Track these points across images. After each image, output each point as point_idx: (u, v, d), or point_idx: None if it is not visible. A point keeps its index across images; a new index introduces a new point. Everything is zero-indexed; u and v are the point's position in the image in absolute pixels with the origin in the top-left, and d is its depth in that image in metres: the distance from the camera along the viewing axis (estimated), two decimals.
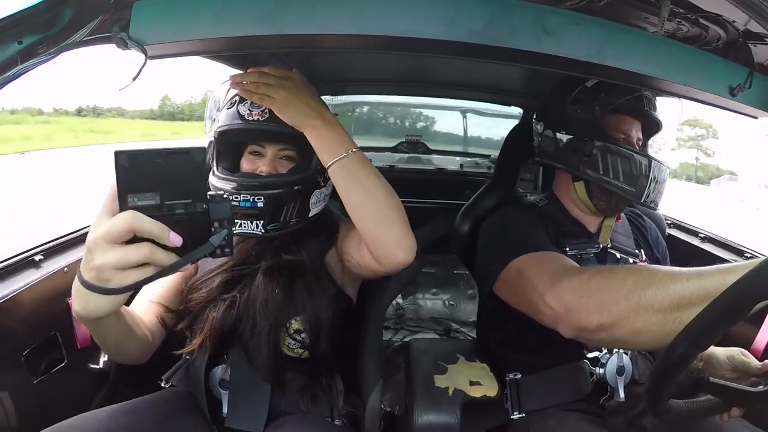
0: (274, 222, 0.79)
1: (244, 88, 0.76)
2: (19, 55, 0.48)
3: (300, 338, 0.82)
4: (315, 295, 0.83)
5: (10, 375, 0.81)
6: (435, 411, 0.79)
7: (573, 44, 0.60)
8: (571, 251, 0.89)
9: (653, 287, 0.56)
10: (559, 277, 0.68)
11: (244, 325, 0.79)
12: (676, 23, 0.66)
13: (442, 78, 1.70)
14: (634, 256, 0.95)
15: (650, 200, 0.87)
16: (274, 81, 0.75)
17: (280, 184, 0.79)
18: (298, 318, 0.82)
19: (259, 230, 0.79)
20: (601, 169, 0.88)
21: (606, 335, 0.62)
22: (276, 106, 0.74)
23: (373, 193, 0.74)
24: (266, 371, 0.79)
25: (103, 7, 0.52)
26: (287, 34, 0.56)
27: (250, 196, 0.77)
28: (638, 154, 0.87)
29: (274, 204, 0.78)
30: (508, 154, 1.32)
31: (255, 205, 0.77)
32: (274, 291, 0.81)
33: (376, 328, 0.95)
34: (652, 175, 0.86)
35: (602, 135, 0.89)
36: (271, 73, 0.76)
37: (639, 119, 0.91)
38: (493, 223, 0.97)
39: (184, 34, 0.56)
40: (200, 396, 0.81)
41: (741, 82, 0.69)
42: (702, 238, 1.32)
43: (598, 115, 0.89)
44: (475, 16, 0.57)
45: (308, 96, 0.76)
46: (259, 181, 0.79)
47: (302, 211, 0.82)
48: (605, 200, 0.91)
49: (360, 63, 1.43)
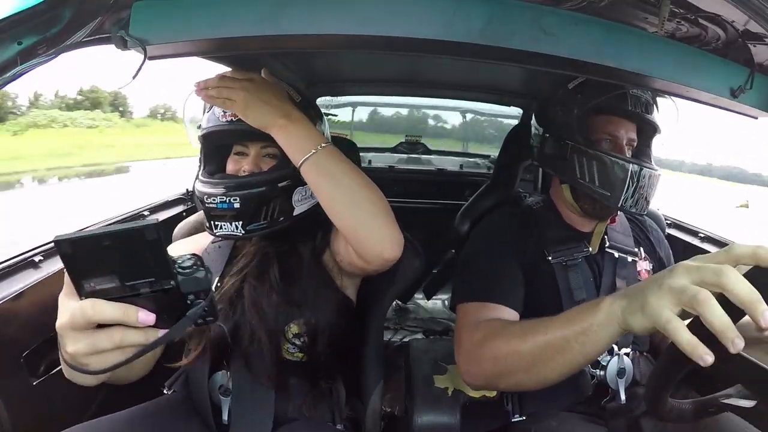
0: (254, 222, 0.78)
1: (206, 94, 0.75)
2: (18, 55, 0.48)
3: (299, 342, 0.81)
4: (313, 296, 0.82)
5: (9, 376, 0.81)
6: (435, 411, 0.79)
7: (572, 44, 0.60)
8: (555, 259, 0.89)
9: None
10: (477, 345, 0.73)
11: (243, 332, 0.79)
12: (675, 23, 0.66)
13: (441, 78, 1.70)
14: (633, 255, 0.94)
15: (629, 206, 0.84)
16: (235, 84, 0.73)
17: (255, 183, 0.78)
18: (297, 322, 0.81)
19: (239, 231, 0.78)
20: (578, 172, 0.86)
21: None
22: (238, 109, 0.73)
23: (348, 186, 0.72)
24: (268, 377, 0.79)
25: (102, 7, 0.52)
26: (287, 34, 0.56)
27: (226, 197, 0.76)
28: (614, 158, 0.84)
29: (251, 204, 0.77)
30: (508, 154, 1.32)
31: (231, 206, 0.76)
32: (271, 296, 0.80)
33: (377, 328, 0.95)
34: (629, 180, 0.83)
35: (579, 137, 0.87)
36: (231, 77, 0.75)
37: (630, 120, 0.89)
38: (476, 239, 0.96)
39: (184, 34, 0.56)
40: (204, 403, 0.80)
41: (742, 83, 0.69)
42: (702, 237, 1.32)
43: (576, 117, 0.87)
44: (474, 16, 0.57)
45: (271, 96, 0.74)
46: (234, 181, 0.78)
47: (285, 209, 0.80)
48: (590, 204, 0.89)
49: (360, 63, 1.43)
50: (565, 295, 0.87)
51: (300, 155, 0.72)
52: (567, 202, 0.94)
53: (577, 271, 0.89)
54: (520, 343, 0.65)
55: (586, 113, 0.88)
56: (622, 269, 0.91)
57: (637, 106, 0.86)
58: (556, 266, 0.89)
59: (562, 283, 0.88)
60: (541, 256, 0.90)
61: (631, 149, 0.91)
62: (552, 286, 0.88)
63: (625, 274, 0.91)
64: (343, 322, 0.85)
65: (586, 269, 0.90)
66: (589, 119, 0.89)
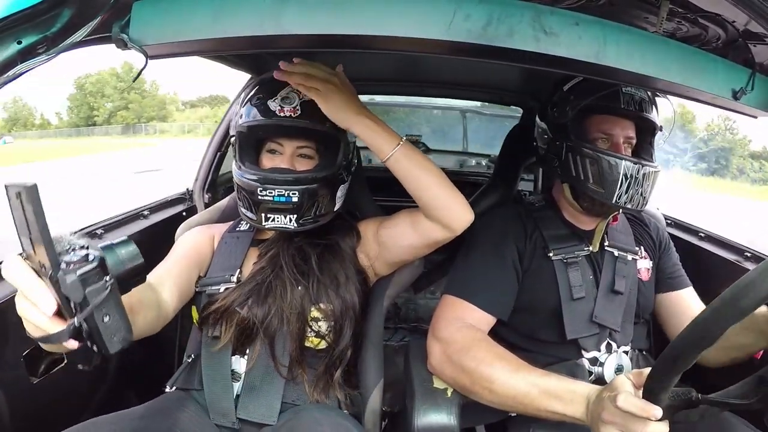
0: (306, 216, 0.82)
1: (292, 78, 0.77)
2: (18, 55, 0.48)
3: (317, 327, 0.84)
4: (343, 283, 0.86)
5: (9, 375, 0.81)
6: (433, 412, 0.79)
7: (572, 44, 0.60)
8: (556, 256, 0.90)
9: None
10: (456, 353, 0.80)
11: (271, 321, 0.82)
12: (675, 23, 0.66)
13: (442, 78, 1.70)
14: (633, 253, 0.95)
15: (623, 202, 0.85)
16: (321, 74, 0.77)
17: (311, 179, 0.81)
18: (318, 306, 0.84)
19: (292, 224, 0.81)
20: (573, 171, 0.89)
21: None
22: (320, 99, 0.76)
23: (431, 170, 0.80)
24: (286, 366, 0.82)
25: (102, 7, 0.52)
26: (287, 34, 0.56)
27: (285, 190, 0.79)
28: (606, 155, 0.85)
29: (308, 199, 0.80)
30: (509, 154, 1.32)
31: (290, 200, 0.79)
32: (302, 282, 0.84)
33: (377, 328, 0.96)
34: (622, 177, 0.84)
35: (573, 137, 0.89)
36: (317, 66, 0.77)
37: (625, 118, 0.89)
38: (476, 234, 0.97)
39: (184, 34, 0.56)
40: (224, 384, 0.81)
41: (743, 84, 0.69)
42: (701, 237, 1.32)
43: (570, 118, 0.89)
44: (474, 16, 0.57)
45: (350, 94, 0.78)
46: (293, 176, 0.81)
47: (330, 204, 0.85)
48: (589, 202, 0.90)
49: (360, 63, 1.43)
50: (564, 292, 0.88)
51: (389, 148, 0.78)
52: (568, 200, 0.95)
53: (577, 269, 0.90)
54: (499, 378, 0.74)
55: (582, 113, 0.89)
56: (621, 267, 0.92)
57: (630, 104, 0.86)
58: (557, 263, 0.90)
59: (562, 281, 0.89)
60: (542, 253, 0.91)
61: (630, 147, 0.91)
62: (552, 283, 0.89)
63: (625, 272, 0.92)
64: (362, 311, 0.90)
65: (587, 267, 0.91)
66: (586, 119, 0.90)
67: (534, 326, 0.91)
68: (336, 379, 0.86)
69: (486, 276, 0.89)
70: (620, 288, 0.89)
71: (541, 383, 0.71)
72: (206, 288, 0.86)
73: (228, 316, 0.82)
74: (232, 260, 0.89)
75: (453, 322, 0.84)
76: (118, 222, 1.17)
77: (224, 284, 0.85)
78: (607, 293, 0.90)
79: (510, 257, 0.91)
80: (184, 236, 0.95)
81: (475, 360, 0.76)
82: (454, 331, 0.82)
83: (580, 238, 0.94)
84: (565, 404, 0.68)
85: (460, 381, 0.79)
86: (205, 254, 0.91)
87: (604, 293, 0.89)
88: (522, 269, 0.91)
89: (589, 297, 0.89)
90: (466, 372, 0.77)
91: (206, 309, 0.84)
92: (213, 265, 0.90)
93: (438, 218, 0.81)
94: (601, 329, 0.88)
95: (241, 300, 0.82)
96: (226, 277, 0.86)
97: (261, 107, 0.81)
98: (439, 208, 0.80)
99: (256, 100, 0.82)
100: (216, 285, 0.86)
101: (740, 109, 0.74)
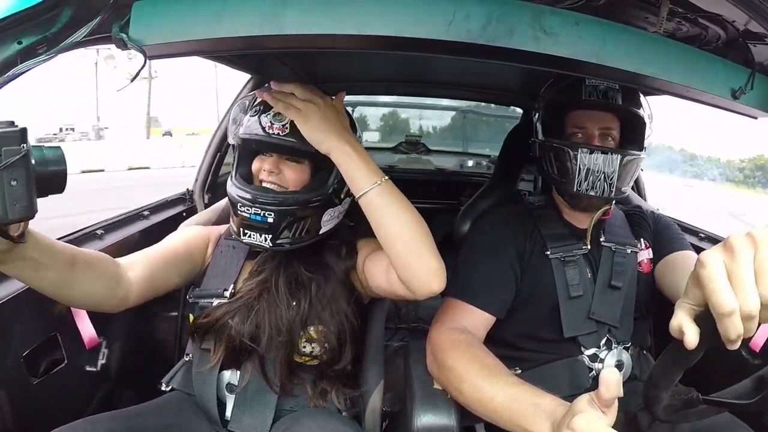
0: (282, 237, 0.80)
1: (271, 95, 0.76)
2: (18, 55, 0.48)
3: (310, 348, 0.83)
4: (335, 306, 0.85)
5: (9, 375, 0.81)
6: (433, 412, 0.80)
7: (572, 44, 0.60)
8: (554, 255, 0.91)
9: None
10: (441, 350, 0.80)
11: (260, 336, 0.81)
12: (675, 23, 0.66)
13: (441, 78, 1.70)
14: (633, 246, 0.95)
15: (585, 189, 0.87)
16: (304, 95, 0.75)
17: (292, 201, 0.79)
18: (313, 328, 0.83)
19: (267, 243, 0.80)
20: (544, 166, 0.94)
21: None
22: (300, 118, 0.74)
23: (408, 223, 0.73)
24: (277, 383, 0.81)
25: (102, 7, 0.52)
26: (287, 34, 0.56)
27: (261, 210, 0.77)
28: (563, 146, 0.88)
29: (284, 220, 0.79)
30: (509, 154, 1.32)
31: (265, 220, 0.78)
32: (290, 308, 0.82)
33: (378, 329, 0.96)
34: (579, 165, 0.86)
35: (545, 134, 0.94)
36: (305, 88, 0.76)
37: (594, 109, 0.90)
38: (476, 234, 0.99)
39: (184, 34, 0.56)
40: (210, 401, 0.81)
41: (743, 84, 0.69)
42: (702, 237, 1.31)
43: (544, 116, 0.94)
44: (473, 15, 0.57)
45: (335, 120, 0.75)
46: (273, 196, 0.79)
47: (313, 228, 0.82)
48: (568, 196, 0.94)
49: (360, 63, 1.43)
50: (561, 291, 0.89)
51: (366, 184, 0.72)
52: (558, 198, 0.97)
53: (575, 267, 0.90)
54: (469, 380, 0.72)
55: (557, 111, 0.93)
56: (620, 261, 0.92)
57: (593, 94, 0.87)
58: (555, 262, 0.90)
59: (560, 279, 0.89)
60: (541, 252, 0.92)
61: (610, 138, 0.91)
62: (549, 281, 0.89)
63: (624, 266, 0.92)
64: (356, 327, 0.88)
65: (584, 266, 0.92)
66: (561, 117, 0.93)
67: (534, 325, 0.91)
68: (334, 382, 0.86)
69: (486, 276, 0.89)
70: (617, 283, 0.90)
71: (508, 391, 0.67)
72: (199, 300, 0.86)
73: (217, 332, 0.82)
74: (226, 273, 0.88)
75: (446, 324, 0.84)
76: (118, 222, 1.17)
77: (216, 299, 0.85)
78: (604, 289, 0.90)
79: (510, 257, 0.91)
80: (180, 231, 0.94)
81: (452, 359, 0.76)
82: (444, 332, 0.83)
83: (578, 237, 0.94)
84: (527, 418, 0.62)
85: (442, 381, 0.79)
86: (196, 256, 0.89)
87: (602, 289, 0.90)
88: (521, 269, 0.91)
89: (587, 294, 0.89)
90: (445, 371, 0.77)
91: (198, 321, 0.84)
92: (207, 275, 0.89)
93: (400, 275, 0.74)
94: (599, 326, 0.88)
95: (229, 317, 0.82)
96: (220, 292, 0.85)
97: (255, 121, 0.81)
98: (403, 266, 0.73)
99: (253, 112, 0.82)
100: (209, 298, 0.85)
101: (739, 109, 0.74)
